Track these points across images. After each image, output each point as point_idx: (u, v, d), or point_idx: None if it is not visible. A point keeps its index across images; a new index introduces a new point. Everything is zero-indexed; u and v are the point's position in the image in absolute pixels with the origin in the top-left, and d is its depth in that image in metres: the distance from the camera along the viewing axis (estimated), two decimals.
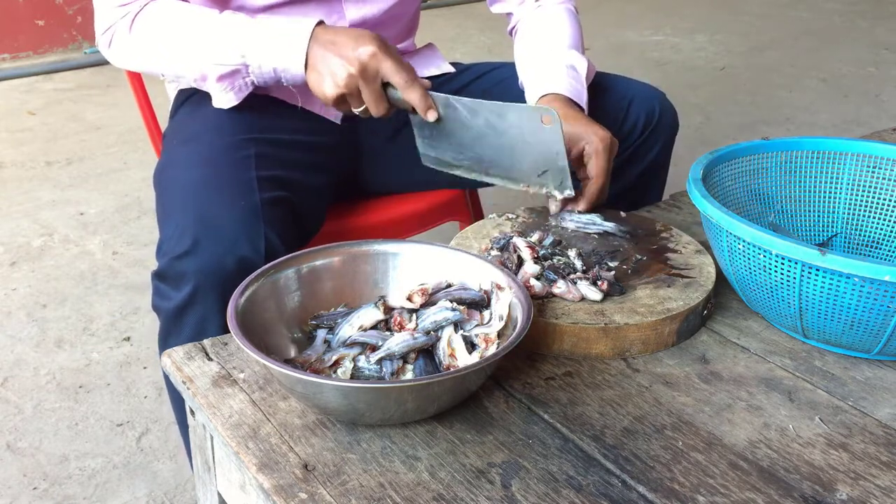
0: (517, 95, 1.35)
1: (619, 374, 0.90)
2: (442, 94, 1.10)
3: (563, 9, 1.38)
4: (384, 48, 1.06)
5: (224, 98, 1.17)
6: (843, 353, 0.94)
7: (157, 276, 1.05)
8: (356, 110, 1.11)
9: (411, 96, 1.08)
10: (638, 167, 1.34)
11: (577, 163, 1.14)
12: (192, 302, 1.02)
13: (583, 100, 1.23)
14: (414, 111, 1.10)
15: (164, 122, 1.43)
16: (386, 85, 1.08)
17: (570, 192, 1.10)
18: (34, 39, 4.21)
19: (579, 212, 1.13)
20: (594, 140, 1.11)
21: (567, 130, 1.12)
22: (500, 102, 1.08)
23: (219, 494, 0.92)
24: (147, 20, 1.17)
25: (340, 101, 1.09)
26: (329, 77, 1.07)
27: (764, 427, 0.82)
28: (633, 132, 1.32)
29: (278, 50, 1.10)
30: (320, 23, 1.11)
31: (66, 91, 3.73)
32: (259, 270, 0.90)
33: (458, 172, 1.17)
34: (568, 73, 1.25)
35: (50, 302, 2.12)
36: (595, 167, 1.11)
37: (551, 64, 1.27)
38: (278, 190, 1.12)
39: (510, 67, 1.41)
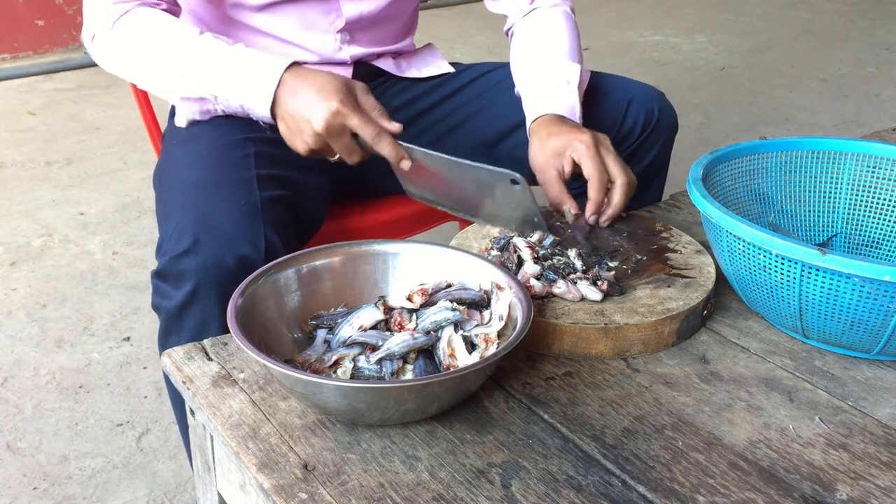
0: (516, 97, 1.35)
1: (619, 374, 0.90)
2: (413, 147, 1.08)
3: (559, 11, 1.37)
4: (348, 100, 1.05)
5: (185, 116, 1.19)
6: (843, 353, 0.94)
7: (157, 275, 1.06)
8: (331, 159, 1.11)
9: (382, 150, 1.07)
10: (638, 167, 1.34)
11: (575, 170, 1.13)
12: (193, 301, 1.03)
13: (576, 114, 1.23)
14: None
15: (163, 122, 1.44)
16: (356, 135, 1.07)
17: (550, 239, 1.08)
18: (34, 39, 4.21)
19: (592, 222, 1.13)
20: (577, 146, 1.11)
21: (553, 146, 1.13)
22: (468, 162, 1.05)
23: (219, 494, 0.92)
24: (127, 30, 1.16)
25: (313, 154, 1.10)
26: (298, 135, 1.08)
27: (764, 427, 0.82)
28: (632, 132, 1.32)
29: (246, 91, 1.10)
30: (292, 65, 1.09)
31: (66, 91, 3.73)
32: (259, 270, 0.90)
33: (442, 209, 1.17)
34: (563, 89, 1.24)
35: (50, 302, 2.12)
36: (587, 169, 1.11)
37: (545, 80, 1.26)
38: (278, 189, 1.12)
39: (510, 68, 1.41)
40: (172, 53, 1.14)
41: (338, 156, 1.10)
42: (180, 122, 1.23)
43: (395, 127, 1.08)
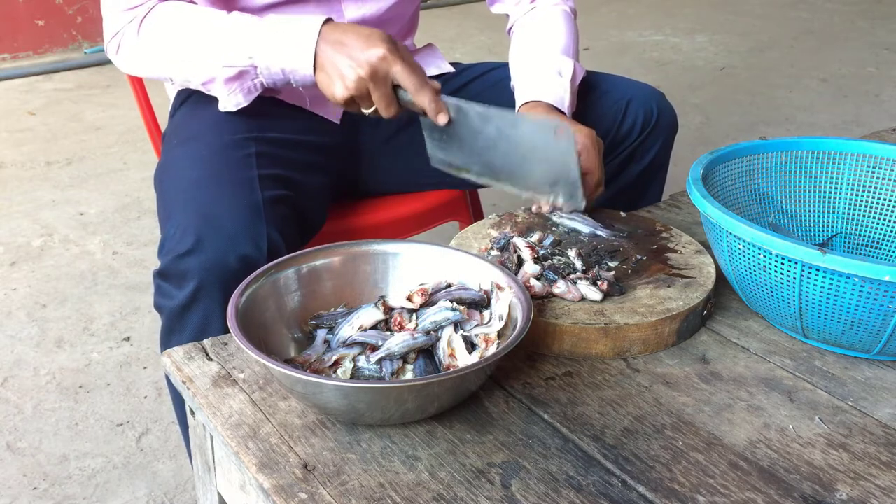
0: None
1: (619, 374, 0.90)
2: (454, 99, 1.08)
3: (559, 10, 1.37)
4: (394, 50, 1.05)
5: (232, 101, 1.16)
6: (843, 353, 0.94)
7: (160, 274, 1.05)
8: (366, 111, 1.09)
9: (422, 100, 1.06)
10: (637, 167, 1.34)
11: None
12: (195, 300, 1.03)
13: (565, 105, 1.23)
14: (425, 113, 1.09)
15: (164, 122, 1.44)
16: (396, 86, 1.07)
17: (582, 204, 1.10)
18: (34, 39, 4.21)
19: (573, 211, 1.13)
20: (580, 136, 1.12)
21: None
22: (513, 112, 1.07)
23: (219, 494, 0.92)
24: (154, 24, 1.16)
25: (350, 102, 1.08)
26: (339, 79, 1.06)
27: (764, 427, 0.82)
28: (631, 132, 1.32)
29: (286, 51, 1.09)
30: (328, 21, 1.09)
31: (66, 91, 3.73)
32: (259, 270, 0.90)
33: (467, 176, 1.16)
34: (553, 80, 1.25)
35: (50, 302, 2.12)
36: (587, 161, 1.11)
37: (539, 71, 1.27)
38: (280, 188, 1.12)
39: (509, 67, 1.41)
40: (208, 33, 1.13)
41: (373, 108, 1.08)
42: (226, 102, 1.21)
43: (436, 84, 1.08)
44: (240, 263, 1.01)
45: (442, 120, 1.08)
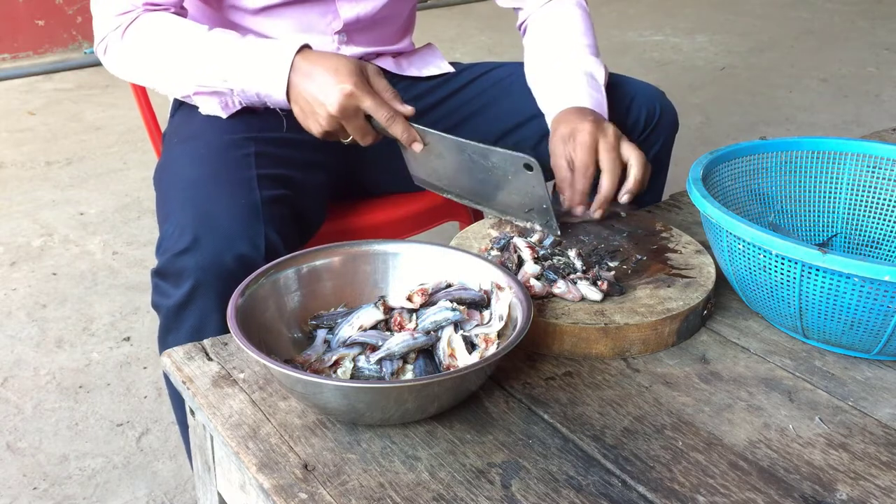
0: (517, 95, 1.35)
1: (619, 374, 0.90)
2: (426, 129, 1.10)
3: (575, 4, 1.36)
4: (361, 83, 1.06)
5: (212, 110, 1.19)
6: (843, 353, 0.94)
7: (157, 273, 1.06)
8: (345, 141, 1.13)
9: (394, 132, 1.09)
10: None
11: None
12: (192, 299, 1.03)
13: (604, 109, 1.22)
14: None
15: (164, 122, 1.44)
16: (370, 117, 1.09)
17: (556, 233, 1.08)
18: (34, 39, 4.21)
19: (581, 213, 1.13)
20: (576, 136, 1.11)
21: (562, 133, 1.13)
22: (482, 145, 1.07)
23: (219, 494, 0.91)
24: (136, 34, 1.18)
25: (327, 136, 1.11)
26: (311, 117, 1.09)
27: (764, 427, 0.82)
28: (633, 131, 1.32)
29: (260, 77, 1.12)
30: (302, 48, 1.11)
31: (66, 91, 3.73)
32: (259, 270, 0.90)
33: (448, 197, 1.18)
34: (587, 83, 1.23)
35: (50, 302, 2.12)
36: (576, 161, 1.10)
37: (570, 74, 1.25)
38: (278, 188, 1.13)
39: (509, 67, 1.40)
40: (186, 50, 1.15)
41: (351, 138, 1.11)
42: (206, 111, 1.22)
43: (408, 110, 1.10)
44: (237, 263, 1.02)
45: (417, 148, 1.11)
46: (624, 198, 1.11)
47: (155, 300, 1.07)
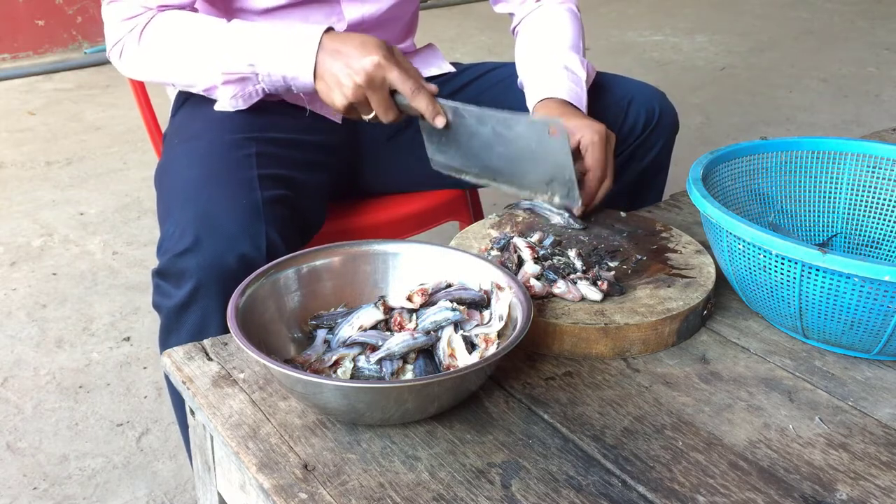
0: (517, 95, 1.35)
1: (619, 374, 0.90)
2: (450, 102, 1.10)
3: (565, 9, 1.38)
4: (389, 56, 1.07)
5: (232, 105, 1.19)
6: (843, 353, 0.94)
7: (158, 273, 1.06)
8: (366, 117, 1.12)
9: (419, 104, 1.09)
10: (638, 167, 1.34)
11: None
12: (193, 299, 1.03)
13: (582, 102, 1.23)
14: (423, 116, 1.11)
15: (164, 122, 1.44)
16: (394, 92, 1.09)
17: (578, 202, 1.10)
18: (34, 39, 4.21)
19: (573, 212, 1.13)
20: (588, 133, 1.12)
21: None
22: (508, 113, 1.08)
23: (219, 494, 0.92)
24: (155, 32, 1.18)
25: (350, 109, 1.10)
26: (337, 88, 1.08)
27: (764, 427, 0.82)
28: (633, 132, 1.32)
29: (287, 59, 1.11)
30: (328, 30, 1.11)
31: (66, 91, 3.73)
32: (259, 270, 0.90)
33: (466, 178, 1.18)
34: (567, 76, 1.25)
35: (50, 302, 2.12)
36: (591, 158, 1.12)
37: (549, 67, 1.27)
38: (279, 188, 1.13)
39: (510, 67, 1.41)
40: (209, 40, 1.15)
41: (373, 114, 1.10)
42: (224, 105, 1.22)
43: (432, 87, 1.10)
44: (238, 263, 1.01)
45: (440, 123, 1.11)
46: (577, 210, 1.13)
47: (156, 300, 1.07)
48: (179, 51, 1.17)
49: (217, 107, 1.19)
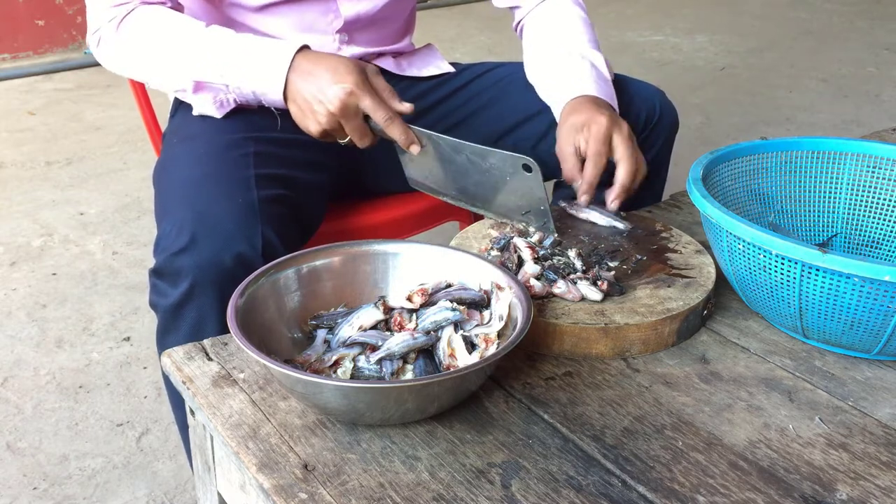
0: (516, 95, 1.35)
1: (619, 374, 0.90)
2: (424, 131, 1.10)
3: (572, 3, 1.36)
4: (363, 82, 1.06)
5: (206, 109, 1.19)
6: (843, 353, 0.94)
7: (155, 272, 1.06)
8: (341, 142, 1.12)
9: (393, 133, 1.09)
10: None
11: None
12: (190, 298, 1.03)
13: (614, 101, 1.22)
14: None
15: (164, 122, 1.44)
16: (368, 118, 1.09)
17: (553, 234, 1.09)
18: (34, 39, 4.21)
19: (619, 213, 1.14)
20: (615, 130, 1.11)
21: (574, 122, 1.13)
22: (481, 146, 1.07)
23: (219, 494, 0.92)
24: (132, 27, 1.17)
25: (325, 134, 1.11)
26: (311, 115, 1.09)
27: (764, 427, 0.82)
28: (633, 130, 1.31)
29: (257, 76, 1.11)
30: (301, 49, 1.10)
31: (66, 91, 3.73)
32: (259, 270, 0.90)
33: (444, 199, 1.19)
34: (595, 74, 1.23)
35: (50, 302, 2.12)
36: (619, 153, 1.11)
37: (574, 65, 1.25)
38: (277, 188, 1.12)
39: (509, 67, 1.40)
40: (182, 44, 1.14)
41: (348, 139, 1.11)
42: (200, 110, 1.22)
43: (406, 107, 1.10)
44: (234, 262, 1.01)
45: (415, 150, 1.11)
46: (613, 204, 1.13)
47: (153, 299, 1.07)
48: (153, 50, 1.16)
49: (195, 111, 1.19)
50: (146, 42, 1.17)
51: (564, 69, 1.25)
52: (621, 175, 1.12)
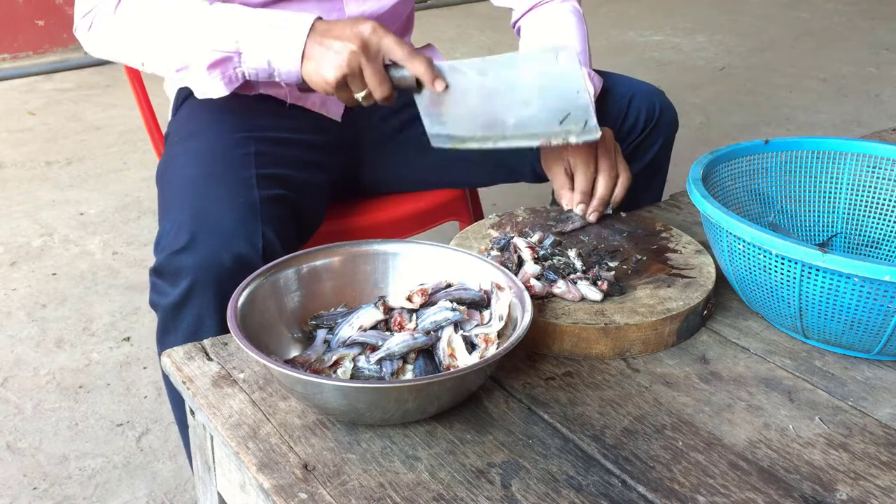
0: None
1: (619, 374, 0.90)
2: (445, 63, 1.05)
3: (569, 8, 1.36)
4: (381, 26, 1.04)
5: (209, 88, 1.11)
6: (843, 353, 0.94)
7: (155, 271, 1.05)
8: (358, 96, 1.06)
9: (416, 68, 1.03)
10: (638, 165, 1.34)
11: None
12: (189, 298, 1.02)
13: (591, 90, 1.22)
14: (418, 88, 1.06)
15: (164, 122, 1.44)
16: (387, 68, 1.04)
17: (597, 134, 1.04)
18: (34, 39, 4.21)
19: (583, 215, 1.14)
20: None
21: None
22: (506, 55, 1.03)
23: (219, 494, 0.92)
24: (134, 4, 1.12)
25: (341, 85, 1.05)
26: (330, 57, 1.03)
27: (764, 427, 0.82)
28: (633, 130, 1.32)
29: (275, 41, 1.06)
30: (319, 18, 1.07)
31: (66, 91, 3.73)
32: (259, 270, 0.90)
33: (471, 145, 1.11)
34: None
35: (50, 302, 2.12)
36: (578, 159, 1.12)
37: None
38: (277, 188, 1.12)
39: None
40: (193, 15, 1.09)
41: (365, 92, 1.05)
42: (202, 91, 1.14)
43: (427, 55, 1.06)
44: (234, 262, 1.01)
45: (439, 86, 1.05)
46: (591, 216, 1.13)
47: (152, 299, 1.07)
48: (159, 25, 1.11)
49: (198, 95, 1.12)
50: (151, 17, 1.11)
51: None
52: (599, 188, 1.13)
